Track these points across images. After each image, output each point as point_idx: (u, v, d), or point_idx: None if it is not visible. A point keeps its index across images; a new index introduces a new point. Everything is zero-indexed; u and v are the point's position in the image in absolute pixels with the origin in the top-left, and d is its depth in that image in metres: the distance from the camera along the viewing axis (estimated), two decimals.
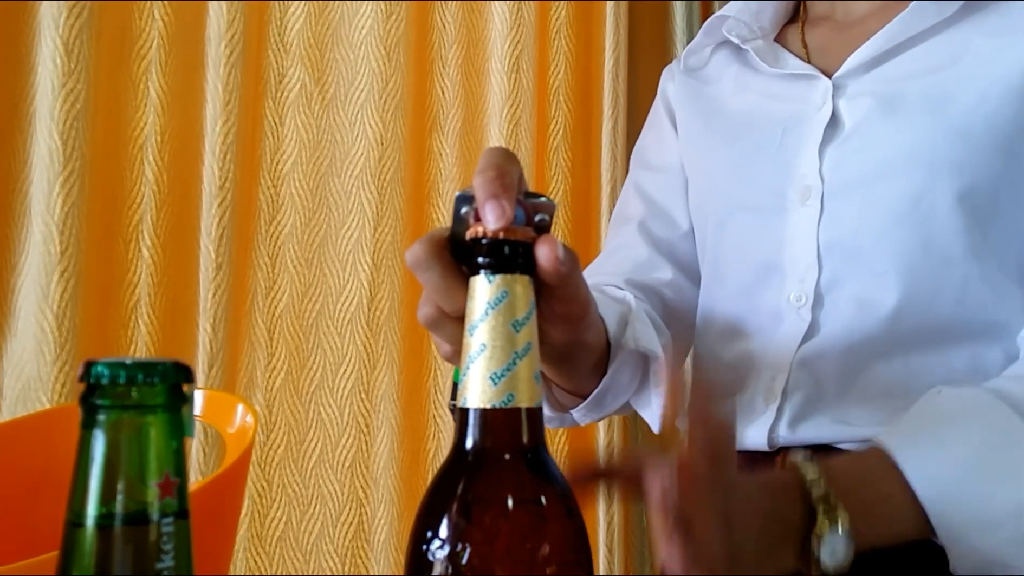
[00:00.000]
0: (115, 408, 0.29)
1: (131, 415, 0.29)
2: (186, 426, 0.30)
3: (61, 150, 1.05)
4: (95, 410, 0.29)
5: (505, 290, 0.42)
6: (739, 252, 0.77)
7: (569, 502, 0.42)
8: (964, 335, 0.68)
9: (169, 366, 0.29)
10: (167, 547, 0.29)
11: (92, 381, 0.28)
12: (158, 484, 0.29)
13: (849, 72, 0.74)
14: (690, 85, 0.87)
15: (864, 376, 0.69)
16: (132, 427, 0.29)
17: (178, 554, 0.29)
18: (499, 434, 0.41)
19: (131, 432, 0.29)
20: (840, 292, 0.70)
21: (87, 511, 0.28)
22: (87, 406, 0.29)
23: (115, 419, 0.29)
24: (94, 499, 0.28)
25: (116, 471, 0.28)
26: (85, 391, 0.29)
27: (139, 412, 0.29)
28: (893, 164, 0.69)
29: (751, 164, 0.76)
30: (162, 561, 0.28)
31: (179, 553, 0.29)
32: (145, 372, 0.29)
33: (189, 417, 0.30)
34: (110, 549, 0.28)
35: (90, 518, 0.28)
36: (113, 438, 0.29)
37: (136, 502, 0.28)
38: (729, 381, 0.76)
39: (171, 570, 0.29)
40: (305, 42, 1.26)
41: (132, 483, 0.28)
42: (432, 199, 1.32)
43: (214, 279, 1.14)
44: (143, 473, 0.29)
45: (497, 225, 0.42)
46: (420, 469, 1.30)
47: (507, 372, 0.41)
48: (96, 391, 0.29)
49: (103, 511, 0.28)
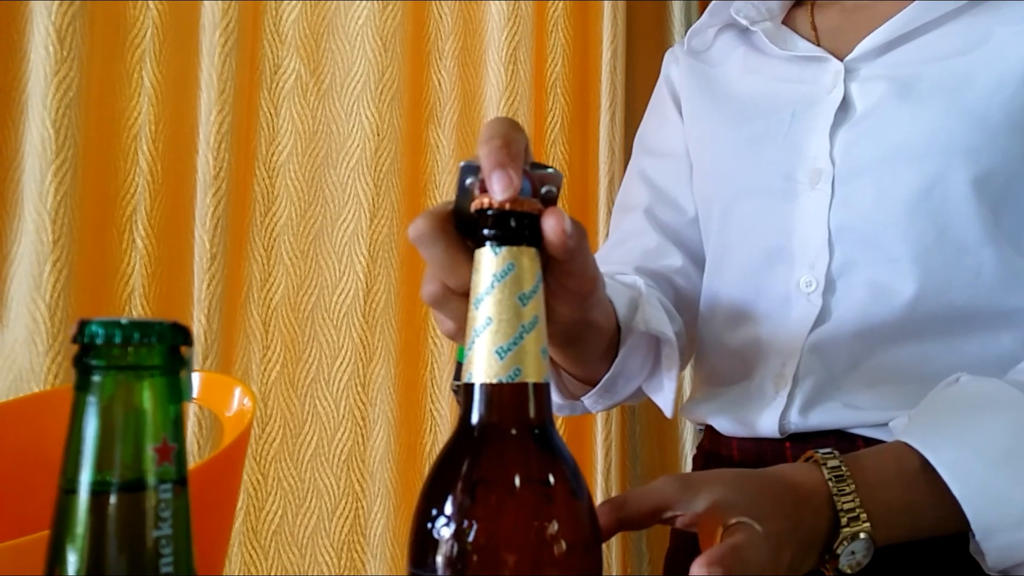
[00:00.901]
0: (110, 369, 0.27)
1: (127, 377, 0.28)
2: (184, 390, 0.28)
3: (54, 139, 1.04)
4: (89, 371, 0.27)
5: (511, 262, 0.41)
6: (746, 236, 0.76)
7: (577, 479, 0.41)
8: (977, 321, 0.67)
9: (167, 327, 0.28)
10: (164, 514, 0.27)
11: (86, 341, 0.27)
12: (155, 449, 0.28)
13: (862, 55, 0.73)
14: (695, 67, 0.86)
15: (876, 361, 0.68)
16: (128, 389, 0.28)
17: (176, 522, 0.28)
18: (506, 409, 0.40)
19: (127, 395, 0.28)
20: (853, 277, 0.69)
21: (81, 477, 0.27)
22: (81, 367, 0.27)
23: (110, 381, 0.27)
24: (88, 464, 0.27)
25: (112, 435, 0.27)
26: (79, 352, 0.27)
27: (135, 374, 0.28)
28: (908, 149, 0.68)
29: (759, 147, 0.75)
30: (160, 529, 0.27)
31: (177, 521, 0.28)
32: (142, 332, 0.27)
33: (188, 380, 0.29)
34: (105, 516, 0.27)
35: (84, 484, 0.27)
36: (108, 401, 0.27)
37: (133, 468, 0.27)
38: (734, 368, 0.76)
39: (168, 538, 0.27)
40: (301, 32, 1.25)
41: (128, 448, 0.27)
42: (429, 191, 1.31)
43: (208, 270, 1.12)
44: (140, 438, 0.28)
45: (504, 196, 0.41)
46: (416, 463, 1.29)
47: (514, 346, 0.40)
48: (91, 351, 0.27)
49: (98, 477, 0.27)
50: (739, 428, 0.73)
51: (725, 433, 0.75)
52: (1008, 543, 0.53)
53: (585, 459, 1.29)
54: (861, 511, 0.52)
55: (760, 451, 0.72)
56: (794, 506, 0.51)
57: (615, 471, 1.29)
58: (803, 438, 0.70)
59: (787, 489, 0.52)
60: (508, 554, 0.38)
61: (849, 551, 0.52)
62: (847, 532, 0.51)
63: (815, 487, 0.52)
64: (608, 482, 1.28)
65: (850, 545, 0.52)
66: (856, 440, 0.68)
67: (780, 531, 0.49)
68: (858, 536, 0.52)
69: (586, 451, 1.30)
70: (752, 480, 0.51)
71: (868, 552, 0.52)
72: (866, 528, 0.51)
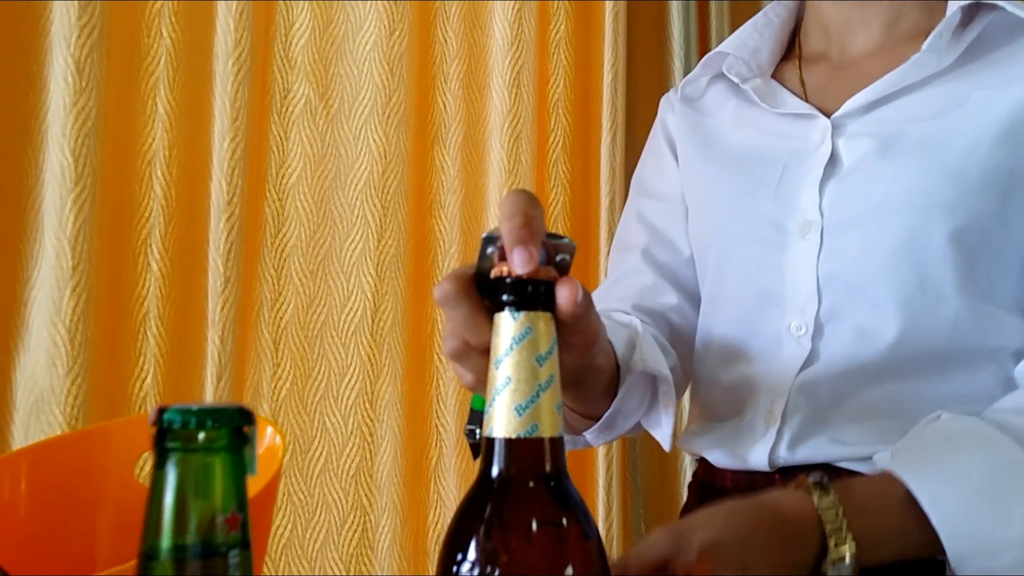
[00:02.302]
0: (184, 451, 0.31)
1: (198, 456, 0.31)
2: (248, 465, 0.32)
3: (73, 167, 1.07)
4: (166, 452, 0.31)
5: (529, 326, 0.44)
6: (739, 281, 0.80)
7: (588, 523, 0.44)
8: (955, 362, 0.71)
9: (233, 411, 0.32)
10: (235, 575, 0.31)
11: (163, 426, 0.31)
12: (225, 519, 0.31)
13: (849, 113, 0.77)
14: (689, 116, 0.90)
15: (860, 400, 0.72)
16: (199, 467, 0.31)
17: None
18: (523, 462, 0.44)
19: (199, 471, 0.31)
20: (840, 322, 0.73)
21: (161, 544, 0.31)
22: (159, 448, 0.31)
23: (184, 460, 0.31)
24: (167, 533, 0.31)
25: (186, 507, 0.31)
26: (156, 434, 0.31)
27: (206, 453, 0.31)
28: (891, 203, 0.72)
29: (752, 198, 0.79)
30: None
31: None
32: (211, 417, 0.31)
33: (251, 456, 0.32)
34: None
35: (164, 551, 0.30)
36: (182, 477, 0.31)
37: (205, 536, 0.31)
38: (727, 404, 0.79)
39: None
40: (310, 58, 1.29)
41: (201, 518, 0.31)
42: (435, 211, 1.35)
43: (222, 292, 1.16)
44: (211, 509, 0.31)
45: (524, 270, 0.45)
46: (423, 478, 1.32)
47: (531, 404, 0.44)
48: (167, 435, 0.31)
49: (176, 543, 0.31)
50: (732, 461, 0.77)
51: (719, 465, 0.79)
52: (979, 568, 0.58)
53: (587, 473, 1.33)
54: (848, 533, 0.56)
55: (751, 482, 0.76)
56: (784, 540, 0.54)
57: (616, 485, 1.32)
58: (792, 471, 0.73)
59: (778, 523, 0.56)
60: None
61: (836, 573, 0.55)
62: (835, 554, 0.55)
63: (805, 515, 0.56)
64: (609, 495, 1.32)
65: (837, 567, 0.55)
66: (842, 473, 0.72)
67: (772, 563, 0.53)
68: (844, 558, 0.55)
69: (588, 465, 1.33)
70: (742, 516, 0.55)
71: (854, 571, 0.56)
72: (852, 550, 0.55)
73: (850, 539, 0.56)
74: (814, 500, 0.57)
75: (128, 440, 0.62)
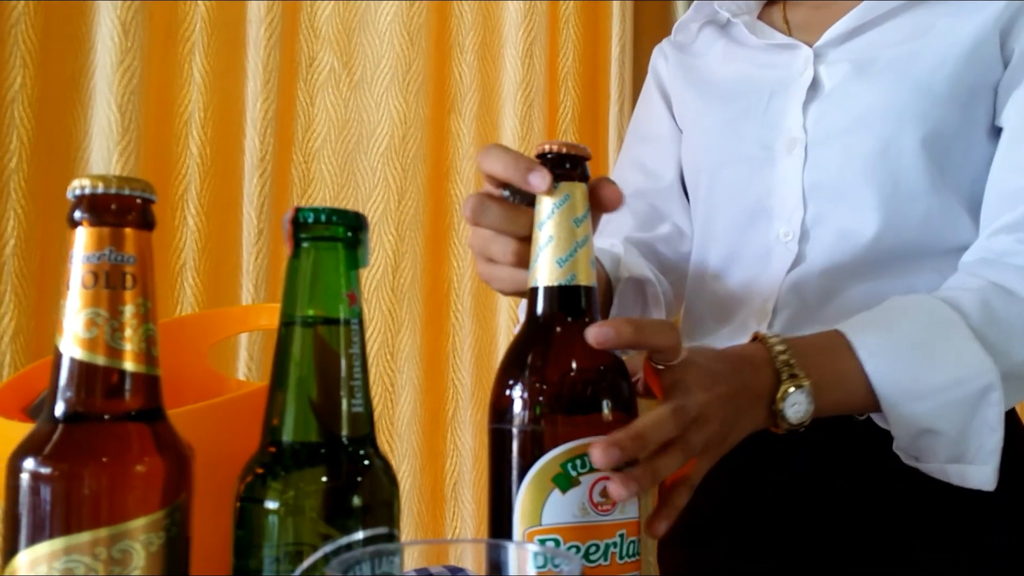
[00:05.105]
0: (314, 239, 0.39)
1: (326, 245, 0.39)
2: (360, 258, 0.40)
3: (119, 121, 1.15)
4: (300, 242, 0.39)
5: (567, 193, 0.52)
6: (730, 198, 0.89)
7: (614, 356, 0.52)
8: (927, 259, 0.81)
9: (352, 214, 0.40)
10: (355, 338, 0.39)
11: (300, 221, 0.39)
12: (346, 294, 0.39)
13: (828, 42, 0.86)
14: (682, 60, 0.99)
15: (843, 297, 0.81)
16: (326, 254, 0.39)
17: (360, 344, 0.39)
18: (564, 305, 0.52)
19: (325, 258, 0.39)
20: (824, 226, 0.83)
21: (296, 312, 0.38)
22: (296, 240, 0.39)
23: (314, 248, 0.39)
24: (303, 303, 0.38)
25: (317, 285, 0.39)
26: (293, 228, 0.39)
27: (331, 244, 0.39)
28: (868, 117, 0.81)
29: (742, 122, 0.88)
30: (352, 347, 0.39)
31: (361, 343, 0.40)
32: (337, 216, 0.39)
33: (364, 251, 0.40)
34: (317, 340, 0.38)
35: (299, 318, 0.38)
36: (314, 261, 0.39)
37: (332, 307, 0.39)
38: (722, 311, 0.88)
39: (357, 355, 0.39)
40: (334, 28, 1.36)
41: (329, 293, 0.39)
42: (451, 176, 1.42)
43: (256, 244, 1.23)
44: (336, 287, 0.39)
45: (543, 186, 0.53)
46: (440, 428, 1.39)
47: (570, 257, 0.52)
48: (302, 228, 0.39)
49: (310, 312, 0.38)
50: None
51: None
52: (909, 413, 0.66)
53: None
54: (798, 369, 0.63)
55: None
56: (739, 362, 0.62)
57: None
58: None
59: (735, 354, 0.64)
60: (564, 408, 0.50)
61: (791, 403, 0.62)
62: (787, 384, 0.62)
63: (758, 352, 0.64)
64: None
65: (792, 396, 0.62)
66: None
67: (732, 386, 0.59)
68: (800, 387, 0.62)
69: None
70: (710, 350, 0.63)
71: (810, 406, 0.63)
72: (804, 383, 0.62)
73: (801, 374, 0.62)
74: (766, 343, 0.64)
75: (200, 330, 0.69)
